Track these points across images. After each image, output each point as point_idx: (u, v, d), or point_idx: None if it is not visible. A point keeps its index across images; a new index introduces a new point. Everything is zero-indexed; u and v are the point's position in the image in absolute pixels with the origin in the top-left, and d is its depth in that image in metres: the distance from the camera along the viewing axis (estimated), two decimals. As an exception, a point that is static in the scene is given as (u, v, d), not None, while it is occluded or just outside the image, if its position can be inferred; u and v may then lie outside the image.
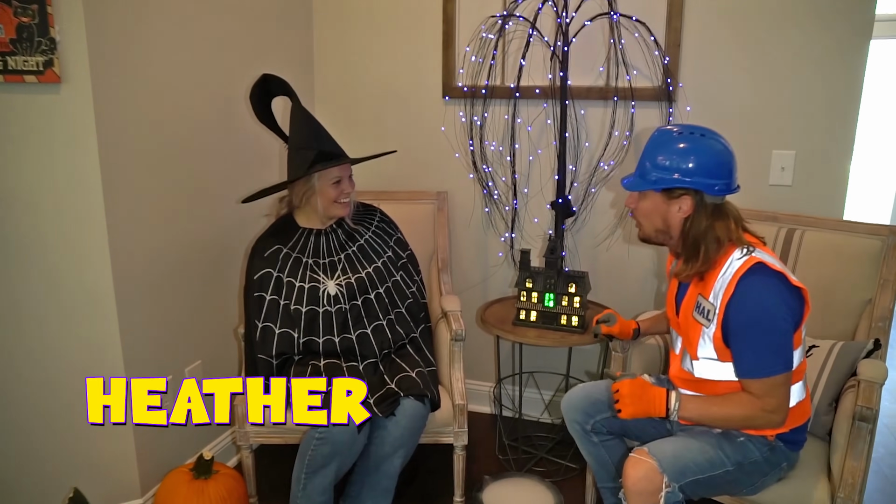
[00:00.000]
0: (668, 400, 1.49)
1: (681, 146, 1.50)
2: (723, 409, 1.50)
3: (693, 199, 1.50)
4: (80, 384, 1.85)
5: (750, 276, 1.44)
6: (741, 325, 1.45)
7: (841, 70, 2.14)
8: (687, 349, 1.61)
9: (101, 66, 1.72)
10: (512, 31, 2.40)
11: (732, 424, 1.53)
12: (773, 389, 1.45)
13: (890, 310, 1.86)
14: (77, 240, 1.79)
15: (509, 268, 2.63)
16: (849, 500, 1.53)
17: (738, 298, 1.44)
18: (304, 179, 1.97)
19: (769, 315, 1.43)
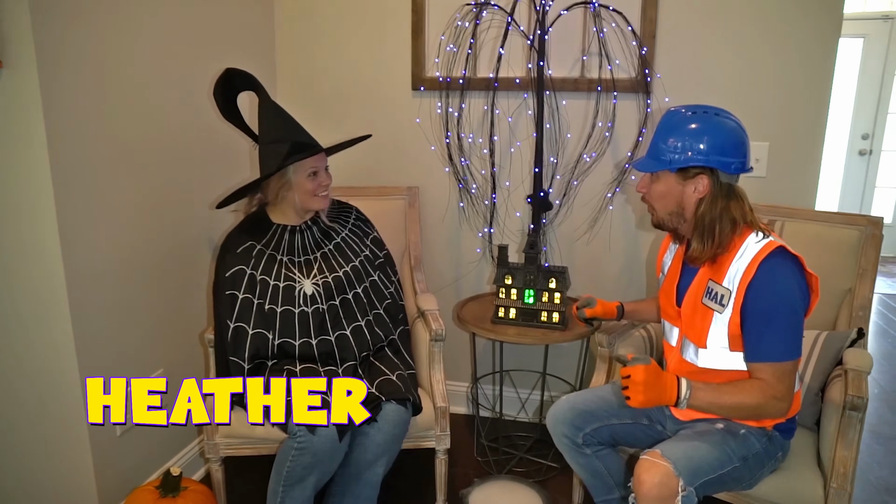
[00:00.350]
0: (678, 387, 1.43)
1: (694, 126, 1.46)
2: (734, 397, 1.44)
3: (709, 179, 1.46)
4: (34, 397, 1.73)
5: (772, 260, 1.41)
6: (762, 308, 1.41)
7: (812, 64, 2.16)
8: (691, 338, 1.56)
9: (49, 50, 1.57)
10: (488, 20, 2.32)
11: (741, 413, 1.48)
12: (784, 376, 1.42)
13: (869, 299, 1.88)
14: (26, 240, 1.64)
15: (485, 264, 2.56)
16: (841, 489, 1.52)
17: (760, 281, 1.41)
18: (278, 174, 1.85)
19: (790, 300, 1.40)
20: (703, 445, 1.47)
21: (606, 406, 1.71)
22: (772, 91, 2.20)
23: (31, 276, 1.67)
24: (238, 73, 1.89)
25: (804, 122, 2.21)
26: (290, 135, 1.83)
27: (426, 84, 2.46)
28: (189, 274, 2.21)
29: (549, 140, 2.29)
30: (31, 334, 1.71)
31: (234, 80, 1.90)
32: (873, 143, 5.40)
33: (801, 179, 2.24)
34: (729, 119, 1.48)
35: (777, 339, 1.42)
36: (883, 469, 2.35)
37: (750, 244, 1.45)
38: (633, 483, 1.42)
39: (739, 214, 1.47)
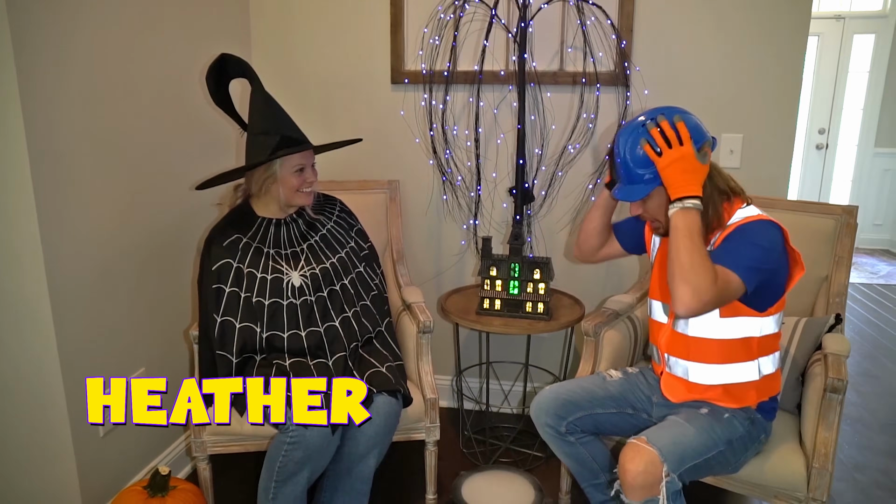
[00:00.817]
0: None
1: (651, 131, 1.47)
2: (699, 250, 1.39)
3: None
4: (13, 400, 1.67)
5: (756, 221, 1.47)
6: (736, 237, 1.46)
7: (783, 59, 2.22)
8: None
9: (27, 37, 1.51)
10: (470, 13, 2.32)
11: (684, 268, 1.37)
12: (725, 284, 1.38)
13: (845, 285, 1.95)
14: (5, 237, 1.57)
15: (467, 258, 2.57)
16: (823, 469, 1.58)
17: (741, 227, 1.47)
18: (264, 166, 1.82)
19: (765, 239, 1.44)
20: (689, 431, 1.50)
21: (590, 396, 1.73)
22: (745, 84, 2.26)
23: (11, 275, 1.61)
24: (232, 58, 1.85)
25: (776, 115, 2.27)
26: (281, 128, 1.80)
27: (406, 78, 2.45)
28: (171, 269, 2.16)
29: (533, 132, 2.31)
30: (10, 335, 1.65)
31: (227, 66, 1.86)
32: (829, 138, 5.60)
33: (774, 170, 2.32)
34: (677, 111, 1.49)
35: (736, 253, 1.42)
36: (852, 448, 2.45)
37: (740, 214, 1.51)
38: (619, 470, 1.44)
39: (724, 184, 1.52)
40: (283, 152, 1.78)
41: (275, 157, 1.78)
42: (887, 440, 2.53)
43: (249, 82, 1.84)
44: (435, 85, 2.40)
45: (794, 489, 1.61)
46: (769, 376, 1.61)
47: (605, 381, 1.75)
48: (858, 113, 5.58)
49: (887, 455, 2.42)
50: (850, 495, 2.17)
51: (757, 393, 1.59)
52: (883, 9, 5.42)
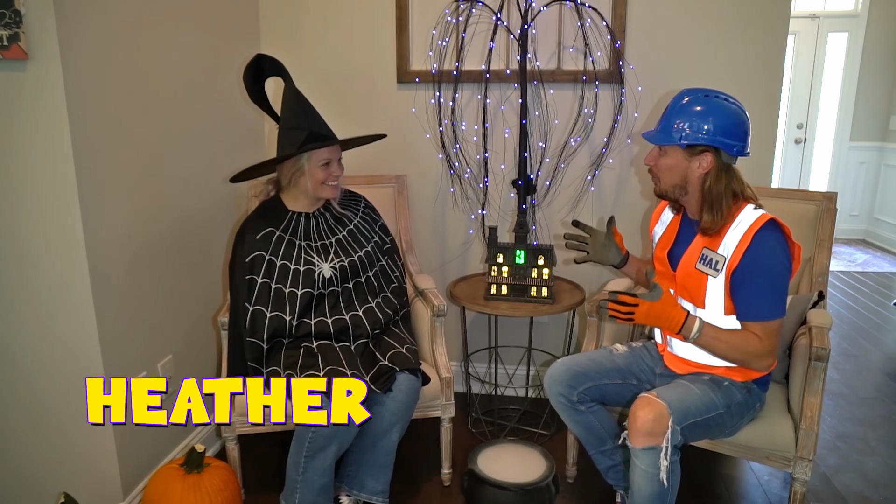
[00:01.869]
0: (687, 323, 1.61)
1: (705, 108, 1.61)
2: (732, 340, 1.62)
3: (713, 157, 1.61)
4: (55, 384, 1.77)
5: (765, 231, 1.58)
6: (754, 273, 1.58)
7: (765, 55, 2.39)
8: (687, 299, 1.73)
9: (71, 41, 1.61)
10: (475, 17, 2.46)
11: (733, 355, 1.63)
12: (771, 333, 1.61)
13: (827, 266, 2.11)
14: (48, 229, 1.67)
15: (472, 248, 2.70)
16: (809, 430, 1.73)
17: (755, 250, 1.57)
18: (293, 159, 1.93)
19: (779, 266, 1.58)
20: (693, 391, 1.65)
21: (598, 368, 1.86)
22: (730, 80, 2.41)
23: (53, 269, 1.70)
24: (267, 58, 1.97)
25: (759, 109, 2.41)
26: (309, 124, 1.92)
27: (410, 77, 2.57)
28: (199, 259, 2.28)
29: (538, 126, 2.44)
30: (54, 321, 1.73)
31: (263, 65, 1.98)
32: (807, 132, 5.82)
33: (758, 160, 2.47)
34: (737, 106, 1.63)
35: (766, 301, 1.60)
36: (833, 419, 2.63)
37: (745, 216, 1.62)
38: (629, 418, 1.58)
39: (739, 188, 1.64)
40: (310, 146, 1.89)
41: (302, 151, 1.90)
42: (865, 412, 2.71)
43: (283, 80, 1.96)
44: (437, 83, 2.52)
45: (783, 450, 1.76)
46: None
47: (612, 354, 1.89)
48: (834, 108, 5.80)
49: (865, 425, 2.60)
50: (832, 460, 2.34)
51: (756, 372, 1.73)
52: (855, 8, 5.65)
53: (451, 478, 2.18)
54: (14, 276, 1.69)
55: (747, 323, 1.63)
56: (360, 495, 1.95)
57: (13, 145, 1.61)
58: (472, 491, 1.95)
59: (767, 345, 1.61)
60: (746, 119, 1.64)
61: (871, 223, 5.94)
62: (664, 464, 1.55)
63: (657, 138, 1.67)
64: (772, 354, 1.63)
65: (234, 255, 1.98)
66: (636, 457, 1.59)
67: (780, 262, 1.59)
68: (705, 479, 2.22)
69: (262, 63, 1.97)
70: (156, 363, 2.04)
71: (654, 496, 1.58)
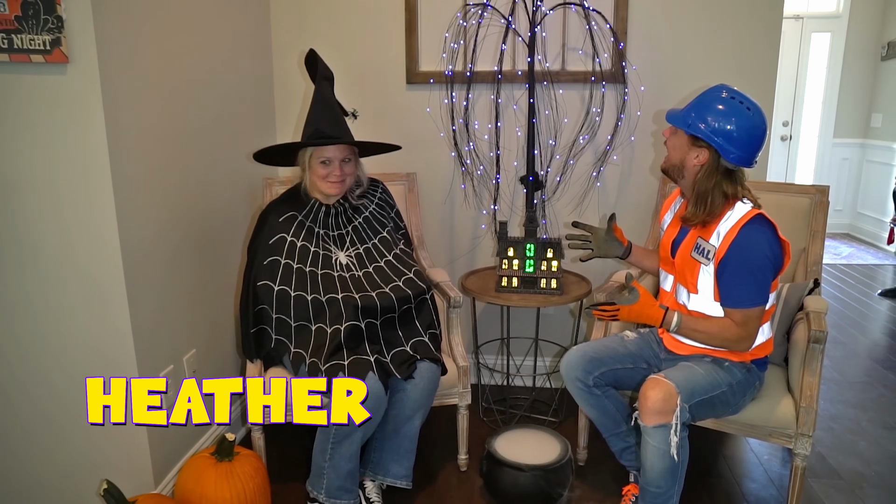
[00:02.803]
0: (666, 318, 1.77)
1: (722, 107, 1.67)
2: (710, 327, 1.77)
3: (710, 154, 1.70)
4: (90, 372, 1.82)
5: (751, 225, 1.68)
6: (737, 263, 1.69)
7: (759, 54, 2.50)
8: (683, 285, 1.84)
9: (107, 44, 1.68)
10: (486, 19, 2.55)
11: (713, 342, 1.78)
12: (749, 320, 1.72)
13: (820, 255, 2.23)
14: (86, 226, 1.73)
15: (479, 242, 2.79)
16: (809, 408, 1.84)
17: (739, 242, 1.68)
18: (301, 153, 2.05)
19: (760, 259, 1.68)
20: (697, 372, 1.76)
21: (612, 353, 1.97)
22: (727, 79, 2.50)
23: (90, 264, 1.76)
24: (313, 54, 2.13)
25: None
26: (318, 121, 2.01)
27: (419, 79, 2.66)
28: (220, 256, 2.35)
29: (547, 125, 2.54)
30: (88, 315, 1.79)
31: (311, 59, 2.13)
32: (792, 130, 5.98)
33: (755, 157, 2.59)
34: (757, 117, 1.67)
35: (746, 290, 1.71)
36: (826, 403, 2.76)
37: (736, 210, 1.72)
38: (640, 398, 1.69)
39: (731, 192, 1.72)
40: (306, 143, 2.02)
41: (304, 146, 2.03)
42: (855, 395, 2.85)
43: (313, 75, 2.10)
44: (450, 84, 2.62)
45: (785, 427, 1.87)
46: (763, 343, 1.85)
47: (624, 341, 1.99)
48: (818, 106, 5.97)
49: (856, 407, 2.74)
50: (827, 440, 2.46)
51: (752, 354, 1.84)
52: (837, 9, 5.82)
53: (467, 463, 2.27)
54: (53, 273, 1.75)
55: (728, 309, 1.75)
56: (385, 480, 2.03)
57: (54, 145, 1.67)
58: (491, 473, 2.04)
59: (745, 331, 1.73)
60: (760, 133, 1.69)
61: (855, 217, 6.12)
62: (674, 440, 1.66)
63: (672, 117, 1.77)
64: (750, 339, 1.75)
65: (257, 236, 2.06)
66: (648, 435, 1.69)
67: (762, 254, 1.68)
68: (710, 460, 2.33)
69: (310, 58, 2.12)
70: (181, 357, 2.11)
71: (666, 471, 1.69)
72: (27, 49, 1.57)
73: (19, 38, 1.56)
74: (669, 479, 1.70)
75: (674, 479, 1.70)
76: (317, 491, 1.96)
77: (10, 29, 1.55)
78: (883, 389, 2.91)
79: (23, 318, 1.77)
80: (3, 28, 1.55)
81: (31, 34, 1.57)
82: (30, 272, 1.74)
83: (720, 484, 2.19)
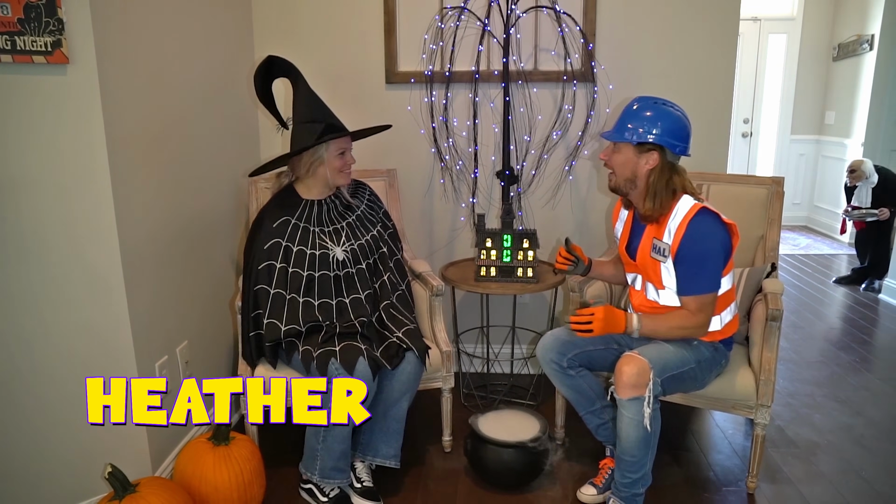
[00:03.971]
0: (629, 322, 1.89)
1: (654, 113, 1.86)
2: (668, 322, 1.92)
3: (659, 155, 1.87)
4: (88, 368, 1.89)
5: (697, 218, 1.84)
6: (689, 255, 1.85)
7: (718, 55, 2.68)
8: (651, 283, 1.99)
9: (106, 46, 1.75)
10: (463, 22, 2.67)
11: (675, 334, 1.93)
12: (703, 306, 1.88)
13: (777, 241, 2.40)
14: (85, 222, 1.80)
15: (460, 235, 2.91)
16: (767, 381, 2.00)
17: (689, 235, 1.84)
18: (312, 150, 2.10)
19: (710, 248, 1.84)
20: (668, 349, 1.91)
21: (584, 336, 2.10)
22: (689, 77, 2.70)
23: (90, 260, 1.83)
24: (277, 59, 2.13)
25: (715, 103, 2.72)
26: (325, 117, 2.09)
27: (398, 79, 2.76)
28: (211, 250, 2.42)
29: (522, 122, 2.66)
30: (88, 309, 1.86)
31: (272, 66, 2.13)
32: (752, 127, 6.23)
33: (715, 149, 2.76)
34: (681, 112, 1.89)
35: (699, 278, 1.87)
36: (784, 381, 2.94)
37: (681, 206, 1.88)
38: (616, 373, 1.82)
39: (680, 185, 1.90)
40: (330, 136, 2.07)
41: (323, 140, 2.07)
42: (812, 374, 3.04)
43: (294, 80, 2.13)
44: (425, 83, 2.73)
45: (746, 399, 2.02)
46: (729, 322, 2.00)
47: None
48: (776, 104, 6.24)
49: (812, 384, 2.93)
50: (785, 414, 2.64)
51: (720, 334, 1.99)
52: (791, 12, 6.09)
53: (451, 445, 2.38)
54: (54, 267, 1.81)
55: (683, 298, 1.90)
56: (375, 460, 2.13)
57: (55, 143, 1.73)
58: (475, 451, 2.16)
59: (701, 317, 1.88)
60: (688, 124, 1.89)
61: (812, 210, 6.41)
62: (647, 411, 1.79)
63: (613, 136, 1.92)
64: (706, 324, 1.91)
65: (252, 241, 2.13)
66: (623, 407, 1.83)
67: (710, 243, 1.84)
68: (679, 436, 2.49)
69: (271, 64, 2.13)
70: (174, 348, 2.18)
71: (641, 440, 1.82)
72: (29, 50, 1.63)
73: (22, 40, 1.62)
74: (643, 448, 1.83)
75: (647, 448, 1.84)
76: (310, 472, 2.05)
77: (13, 31, 1.61)
78: (836, 367, 3.11)
79: (26, 309, 1.81)
80: (6, 30, 1.61)
81: (32, 36, 1.63)
82: (34, 266, 1.79)
83: (689, 457, 2.35)
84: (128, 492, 1.71)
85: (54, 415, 1.90)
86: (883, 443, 2.43)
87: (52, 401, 1.89)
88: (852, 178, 4.41)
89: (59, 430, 1.91)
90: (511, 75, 2.61)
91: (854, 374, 3.04)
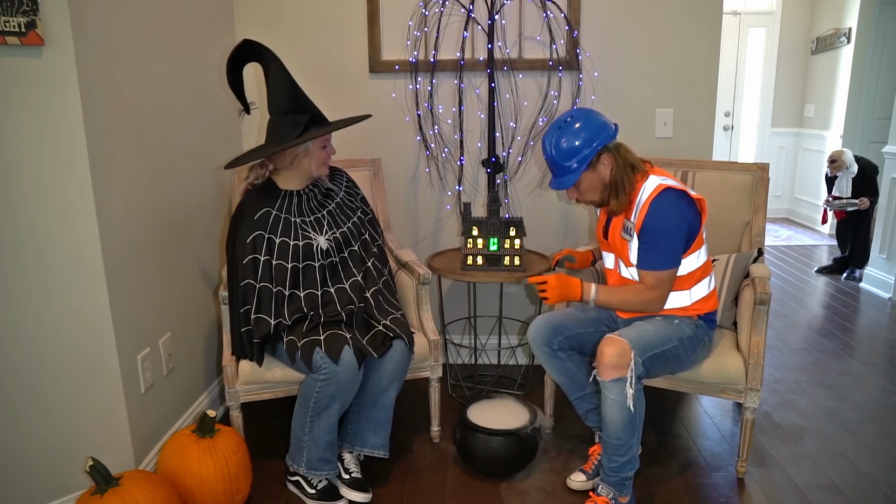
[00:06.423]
0: (585, 291, 1.95)
1: (568, 135, 1.90)
2: (623, 294, 1.96)
3: (608, 154, 1.91)
4: (68, 360, 1.84)
5: (660, 197, 1.87)
6: (650, 232, 1.88)
7: (703, 45, 2.68)
8: (622, 261, 2.02)
9: (83, 28, 1.70)
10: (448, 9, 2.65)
11: (629, 307, 1.98)
12: (660, 282, 1.91)
13: (763, 227, 2.40)
14: (64, 207, 1.75)
15: (445, 224, 2.89)
16: (756, 364, 2.00)
17: (652, 212, 1.87)
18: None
19: (670, 224, 1.87)
20: (649, 328, 1.92)
21: (574, 319, 2.10)
22: (674, 67, 2.70)
23: (69, 246, 1.77)
24: (251, 43, 2.05)
25: (700, 93, 2.73)
26: (308, 107, 2.04)
27: (382, 67, 2.73)
28: (192, 241, 2.38)
29: (508, 108, 2.65)
30: (68, 298, 1.80)
31: (245, 50, 2.06)
32: (733, 120, 6.28)
33: (700, 138, 2.77)
34: (576, 115, 1.93)
35: (657, 254, 1.90)
36: (770, 368, 2.96)
37: (647, 186, 1.92)
38: (597, 355, 1.83)
39: (634, 160, 1.94)
40: (319, 131, 2.03)
41: (310, 137, 2.01)
42: (796, 360, 3.07)
43: (266, 64, 2.06)
44: (409, 71, 2.70)
45: (735, 383, 2.03)
46: (703, 298, 2.01)
47: (585, 308, 2.12)
48: (757, 97, 6.30)
49: (796, 370, 2.96)
50: (772, 400, 2.66)
51: (692, 309, 2.00)
52: (770, 6, 6.15)
53: (439, 435, 2.36)
54: (31, 255, 1.76)
55: (642, 272, 1.93)
56: (363, 450, 2.10)
57: (31, 128, 1.68)
58: (465, 439, 2.14)
59: (655, 293, 1.92)
60: (591, 113, 1.94)
61: (793, 202, 6.48)
62: (630, 392, 1.79)
63: (566, 184, 1.96)
64: (662, 300, 1.94)
65: (233, 236, 2.07)
66: (606, 389, 1.82)
67: (671, 221, 1.87)
68: (667, 422, 2.49)
69: (245, 48, 2.06)
70: (157, 340, 2.13)
71: (625, 422, 1.82)
72: (2, 31, 1.58)
73: (-6, 21, 1.57)
74: (629, 429, 1.83)
75: (632, 429, 1.84)
76: (297, 464, 2.02)
77: (-15, 11, 1.56)
78: (819, 354, 3.14)
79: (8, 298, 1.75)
80: (-23, 10, 1.56)
81: (5, 16, 1.57)
82: (9, 256, 1.73)
83: (678, 443, 2.35)
84: (110, 485, 1.67)
85: (31, 408, 1.84)
86: (866, 425, 2.45)
87: (29, 395, 1.84)
88: (833, 167, 4.46)
89: (37, 422, 1.85)
90: (496, 63, 2.59)
91: (837, 359, 3.07)
